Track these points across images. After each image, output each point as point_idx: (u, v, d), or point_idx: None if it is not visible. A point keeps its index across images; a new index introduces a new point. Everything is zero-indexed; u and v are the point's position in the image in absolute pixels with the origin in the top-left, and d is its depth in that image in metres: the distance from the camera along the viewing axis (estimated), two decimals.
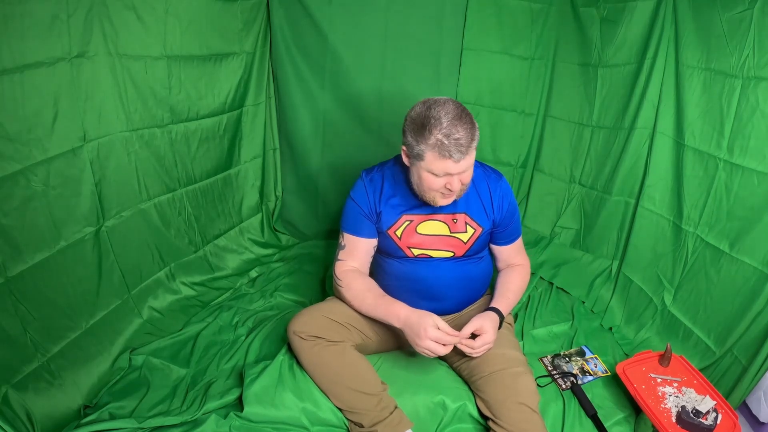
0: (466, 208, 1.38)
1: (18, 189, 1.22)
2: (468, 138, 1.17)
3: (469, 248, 1.40)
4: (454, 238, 1.38)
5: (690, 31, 1.60)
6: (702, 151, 1.57)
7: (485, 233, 1.41)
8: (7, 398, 1.19)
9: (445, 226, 1.38)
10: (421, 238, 1.38)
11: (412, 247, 1.38)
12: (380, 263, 1.46)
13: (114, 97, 1.46)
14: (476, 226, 1.38)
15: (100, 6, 1.35)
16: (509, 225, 1.45)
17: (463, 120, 1.18)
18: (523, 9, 2.07)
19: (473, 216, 1.38)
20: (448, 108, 1.19)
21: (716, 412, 1.28)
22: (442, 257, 1.39)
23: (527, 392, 1.25)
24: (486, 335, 1.28)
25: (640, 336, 1.75)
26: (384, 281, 1.45)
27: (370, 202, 1.39)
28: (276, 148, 2.32)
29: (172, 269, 1.80)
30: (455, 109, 1.19)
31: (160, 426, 1.27)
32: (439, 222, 1.38)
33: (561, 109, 2.18)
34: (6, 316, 1.22)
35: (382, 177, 1.41)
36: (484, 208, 1.40)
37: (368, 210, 1.39)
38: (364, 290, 1.37)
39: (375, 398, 1.29)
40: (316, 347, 1.33)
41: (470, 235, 1.38)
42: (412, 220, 1.37)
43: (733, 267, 1.46)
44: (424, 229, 1.37)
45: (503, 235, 1.46)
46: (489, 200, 1.40)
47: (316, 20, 2.00)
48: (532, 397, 1.25)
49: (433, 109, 1.19)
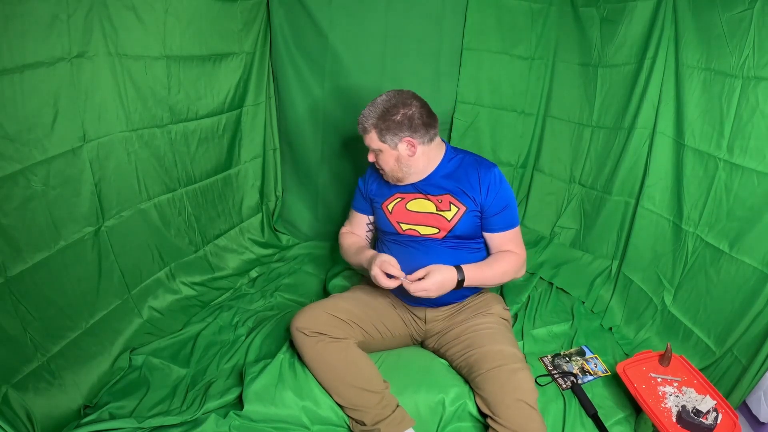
0: (450, 190, 1.47)
1: (18, 189, 1.22)
2: (366, 116, 1.42)
3: (454, 226, 1.45)
4: (440, 215, 1.47)
5: (690, 31, 1.60)
6: (702, 151, 1.57)
7: (469, 213, 1.45)
8: (7, 398, 1.19)
9: (433, 205, 1.48)
10: (410, 215, 1.50)
11: (402, 222, 1.51)
12: (381, 246, 1.60)
13: (114, 97, 1.46)
14: (459, 205, 1.45)
15: (100, 6, 1.35)
16: (498, 212, 1.48)
17: (375, 105, 1.42)
18: (523, 9, 2.07)
19: (457, 196, 1.46)
20: (384, 95, 1.44)
21: (716, 411, 1.28)
22: (429, 235, 1.48)
23: (525, 389, 1.25)
24: (425, 281, 1.34)
25: (640, 336, 1.75)
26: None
27: (367, 183, 1.63)
28: (276, 148, 2.32)
29: (172, 269, 1.80)
30: (383, 95, 1.44)
31: (160, 426, 1.27)
32: (428, 201, 1.49)
33: (561, 109, 2.18)
34: (6, 316, 1.22)
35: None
36: (468, 191, 1.46)
37: (364, 190, 1.63)
38: (351, 244, 1.64)
39: (377, 396, 1.30)
40: (319, 344, 1.33)
41: (454, 214, 1.46)
42: (404, 198, 1.52)
43: (733, 267, 1.46)
44: (413, 206, 1.50)
45: (492, 221, 1.49)
46: (477, 185, 1.47)
47: (316, 20, 2.00)
48: (530, 394, 1.24)
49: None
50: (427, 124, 1.43)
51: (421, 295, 1.35)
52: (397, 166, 1.46)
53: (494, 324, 1.46)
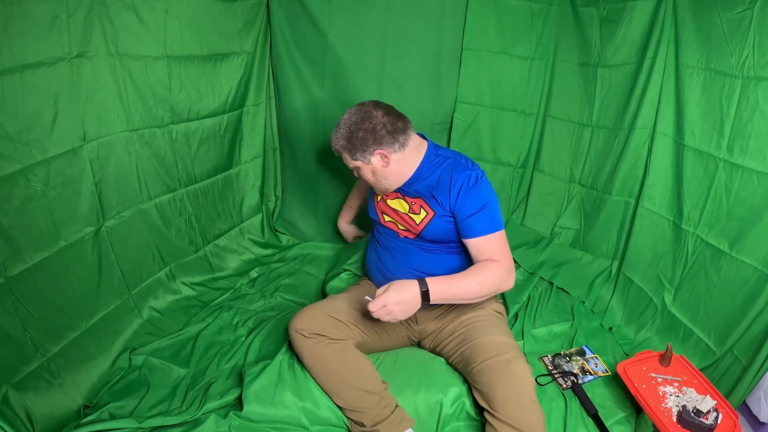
0: (422, 193, 1.45)
1: (18, 189, 1.22)
2: (335, 140, 1.44)
3: (422, 230, 1.44)
4: (410, 217, 1.47)
5: (690, 31, 1.60)
6: (702, 151, 1.57)
7: (438, 218, 1.41)
8: (7, 398, 1.19)
9: (407, 206, 1.48)
10: (390, 211, 1.52)
11: (384, 212, 1.54)
12: (372, 236, 1.65)
13: (114, 97, 1.46)
14: (428, 210, 1.44)
15: (100, 6, 1.35)
16: (473, 213, 1.37)
17: (339, 127, 1.43)
18: (523, 9, 2.07)
19: (427, 200, 1.44)
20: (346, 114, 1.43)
21: (717, 411, 1.28)
22: (404, 234, 1.50)
23: (520, 377, 1.23)
24: (382, 297, 1.23)
25: (640, 336, 1.75)
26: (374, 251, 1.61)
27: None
28: (276, 148, 2.32)
29: (172, 269, 1.80)
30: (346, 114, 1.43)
31: (160, 426, 1.27)
32: (404, 202, 1.49)
33: (561, 109, 2.18)
34: (6, 316, 1.22)
35: None
36: (437, 195, 1.41)
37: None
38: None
39: (376, 397, 1.29)
40: (318, 345, 1.33)
41: (422, 218, 1.44)
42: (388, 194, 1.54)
43: (733, 267, 1.46)
44: (392, 204, 1.52)
45: (469, 224, 1.37)
46: (447, 189, 1.39)
47: (316, 20, 2.00)
48: (525, 382, 1.22)
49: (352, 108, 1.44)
50: (392, 132, 1.38)
51: (383, 316, 1.23)
52: (375, 179, 1.46)
53: (487, 316, 1.45)
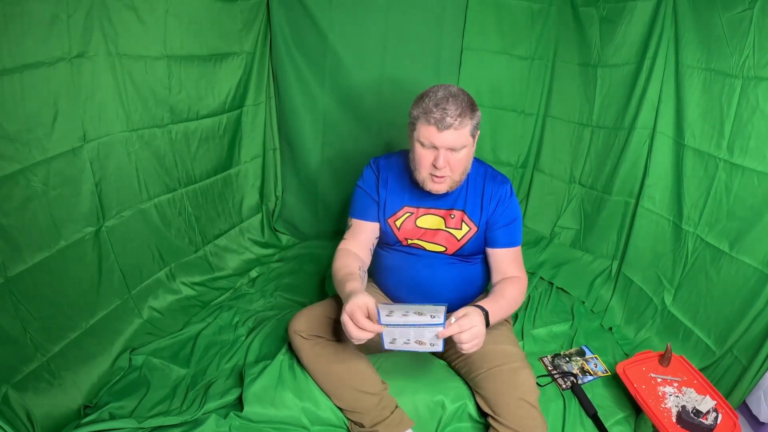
0: (464, 206, 1.39)
1: (18, 189, 1.22)
2: (455, 111, 1.20)
3: (462, 246, 1.39)
4: (449, 233, 1.39)
5: (690, 31, 1.60)
6: (702, 151, 1.57)
7: (480, 233, 1.39)
8: (7, 398, 1.19)
9: (442, 221, 1.40)
10: (419, 231, 1.40)
11: (408, 237, 1.42)
12: (379, 258, 1.49)
13: (114, 97, 1.46)
14: (472, 225, 1.39)
15: (100, 6, 1.35)
16: (506, 225, 1.39)
17: (458, 98, 1.23)
18: (523, 9, 2.07)
19: (470, 215, 1.39)
20: (450, 89, 1.26)
21: (716, 411, 1.28)
22: (434, 250, 1.40)
23: (526, 387, 1.24)
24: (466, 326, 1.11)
25: (640, 336, 1.75)
26: (383, 277, 1.48)
27: (377, 186, 1.43)
28: (276, 148, 2.32)
29: (172, 269, 1.80)
30: (457, 90, 1.26)
31: (160, 426, 1.27)
32: (437, 216, 1.40)
33: (561, 109, 2.18)
34: (6, 316, 1.22)
35: (389, 166, 1.45)
36: (481, 209, 1.39)
37: (374, 194, 1.43)
38: (341, 267, 1.34)
39: (376, 397, 1.29)
40: (317, 346, 1.33)
41: (464, 233, 1.39)
42: (413, 213, 1.40)
43: (733, 267, 1.46)
44: (423, 222, 1.40)
45: (497, 234, 1.39)
46: (488, 201, 1.39)
47: (316, 20, 2.00)
48: (531, 392, 1.24)
49: (436, 86, 1.27)
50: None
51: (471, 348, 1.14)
52: (466, 164, 1.29)
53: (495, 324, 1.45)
